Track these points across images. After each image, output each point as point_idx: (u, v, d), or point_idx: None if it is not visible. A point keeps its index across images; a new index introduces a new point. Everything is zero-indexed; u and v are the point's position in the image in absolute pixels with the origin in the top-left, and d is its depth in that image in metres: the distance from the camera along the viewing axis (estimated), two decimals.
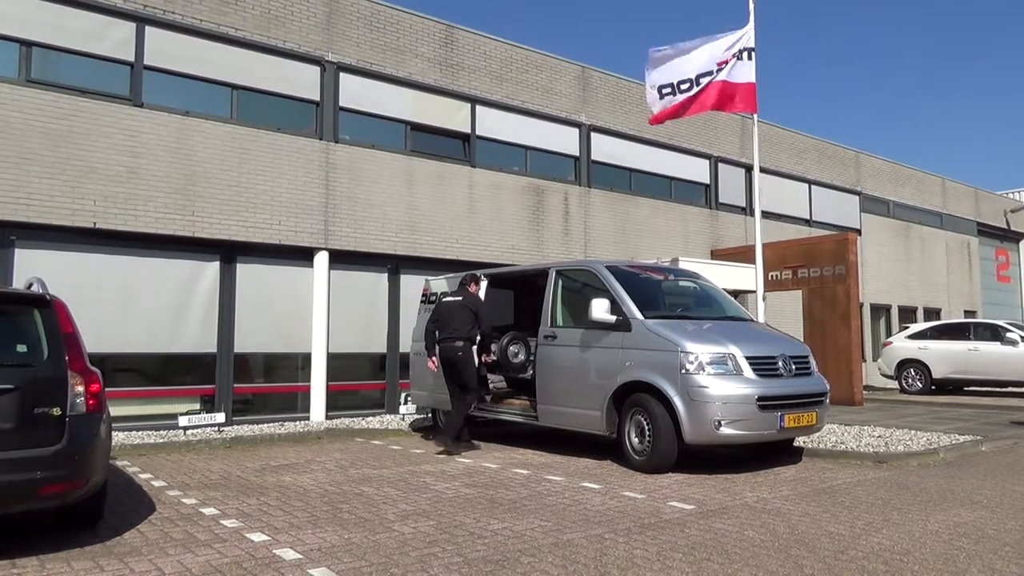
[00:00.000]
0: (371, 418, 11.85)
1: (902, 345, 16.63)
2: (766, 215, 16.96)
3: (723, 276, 13.76)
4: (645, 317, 7.76)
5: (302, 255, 11.76)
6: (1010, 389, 16.17)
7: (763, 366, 7.44)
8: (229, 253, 11.22)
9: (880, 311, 21.02)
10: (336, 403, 12.08)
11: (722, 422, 7.05)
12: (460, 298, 8.72)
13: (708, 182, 17.71)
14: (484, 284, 9.10)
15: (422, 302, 10.80)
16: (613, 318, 7.77)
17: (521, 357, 8.79)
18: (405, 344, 11.78)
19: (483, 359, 8.98)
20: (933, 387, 16.20)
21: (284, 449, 9.25)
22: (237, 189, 11.06)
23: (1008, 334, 15.40)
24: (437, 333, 8.72)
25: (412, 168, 12.87)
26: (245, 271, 11.35)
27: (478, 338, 8.68)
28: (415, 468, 7.71)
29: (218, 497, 6.40)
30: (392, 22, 12.73)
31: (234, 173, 11.07)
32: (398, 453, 8.64)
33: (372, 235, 12.25)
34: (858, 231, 20.36)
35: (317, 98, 11.90)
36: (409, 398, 11.39)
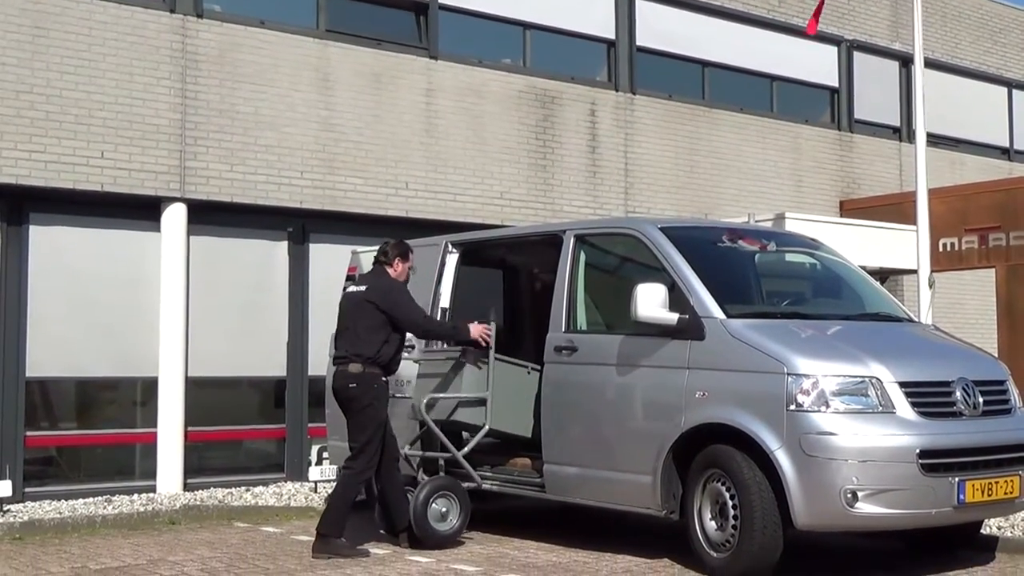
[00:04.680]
0: (261, 488, 11.89)
1: None
2: (935, 141, 17.02)
3: (861, 245, 13.74)
4: (728, 315, 7.77)
5: (141, 210, 11.75)
6: None
7: (929, 398, 7.45)
8: (14, 207, 11.20)
9: None
10: (202, 462, 12.10)
11: (859, 493, 7.05)
12: (363, 287, 8.70)
13: (836, 84, 17.68)
14: (412, 263, 9.03)
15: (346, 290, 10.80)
16: (673, 317, 7.78)
17: (454, 521, 8.73)
18: (318, 362, 11.78)
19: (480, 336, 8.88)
20: None
21: (114, 541, 9.18)
22: (28, 98, 11.02)
23: None
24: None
25: (329, 60, 12.84)
26: (42, 238, 11.34)
27: (394, 360, 8.62)
28: (337, 573, 7.70)
29: None
30: None
31: (22, 71, 11.02)
32: (308, 548, 8.63)
33: (261, 176, 12.25)
34: None
35: None
36: (326, 454, 11.39)
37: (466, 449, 8.93)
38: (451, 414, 8.97)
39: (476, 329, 8.79)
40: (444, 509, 8.65)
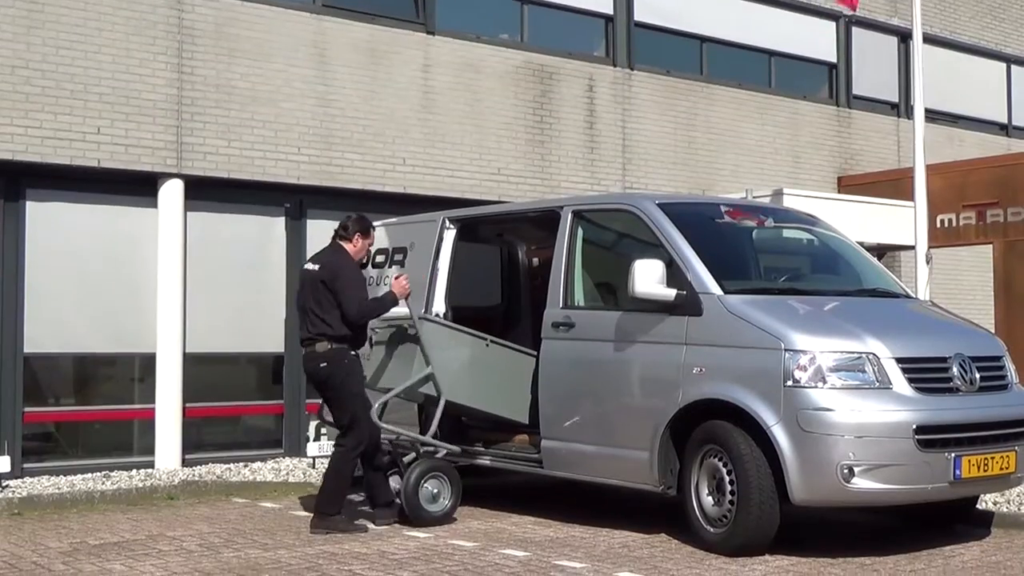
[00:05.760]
0: (259, 464, 11.91)
1: None
2: (933, 117, 16.98)
3: (858, 221, 13.74)
4: (726, 291, 7.78)
5: (138, 185, 11.73)
6: None
7: (925, 374, 7.48)
8: (11, 182, 11.18)
9: None
10: (200, 438, 12.14)
11: (856, 469, 7.09)
12: (317, 266, 8.59)
13: (834, 59, 17.63)
14: (373, 239, 8.91)
15: None
16: (671, 293, 7.79)
17: (445, 502, 8.72)
18: None
19: None
20: None
21: (112, 517, 9.22)
22: (24, 73, 10.98)
23: None
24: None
25: (326, 36, 12.79)
26: (39, 213, 11.32)
27: (360, 332, 8.55)
28: (335, 548, 7.74)
29: None
30: None
31: (17, 46, 10.98)
32: (306, 523, 8.67)
33: (258, 151, 12.22)
34: None
35: None
36: (324, 430, 11.42)
37: (432, 429, 8.85)
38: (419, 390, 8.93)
39: (396, 285, 8.62)
40: (435, 490, 8.67)
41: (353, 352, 8.53)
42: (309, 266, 8.70)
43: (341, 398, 8.48)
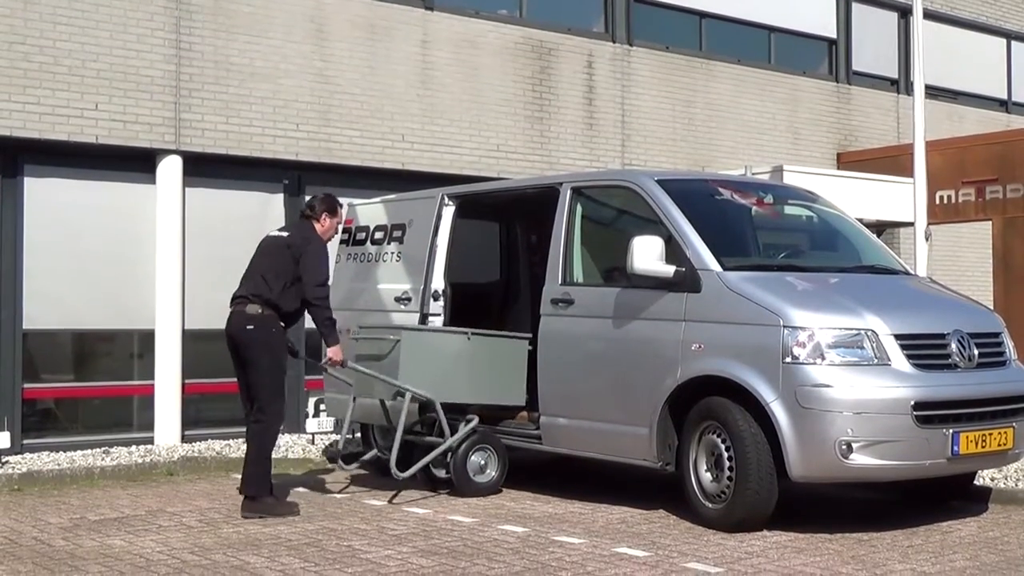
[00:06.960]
0: None
1: None
2: (933, 93, 16.96)
3: (858, 198, 13.76)
4: (725, 268, 7.79)
5: (136, 162, 11.73)
6: None
7: (924, 350, 7.49)
8: (8, 158, 11.18)
9: None
10: (199, 414, 12.18)
11: (854, 445, 7.11)
12: (286, 234, 8.50)
13: (834, 35, 17.60)
14: (341, 218, 8.82)
15: (343, 243, 10.81)
16: (670, 270, 7.80)
17: (492, 472, 8.88)
18: None
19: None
20: None
21: (112, 493, 9.27)
22: (21, 49, 10.96)
23: None
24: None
25: (324, 11, 12.76)
26: (37, 189, 11.32)
27: (293, 305, 8.27)
28: (335, 524, 7.78)
29: None
30: None
31: (15, 21, 10.95)
32: (305, 499, 8.71)
33: (257, 128, 12.21)
34: None
35: None
36: (323, 406, 11.44)
37: (446, 432, 8.77)
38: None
39: (335, 352, 8.41)
40: (482, 462, 8.86)
41: (282, 324, 8.30)
42: (276, 233, 8.59)
43: (263, 367, 8.16)
